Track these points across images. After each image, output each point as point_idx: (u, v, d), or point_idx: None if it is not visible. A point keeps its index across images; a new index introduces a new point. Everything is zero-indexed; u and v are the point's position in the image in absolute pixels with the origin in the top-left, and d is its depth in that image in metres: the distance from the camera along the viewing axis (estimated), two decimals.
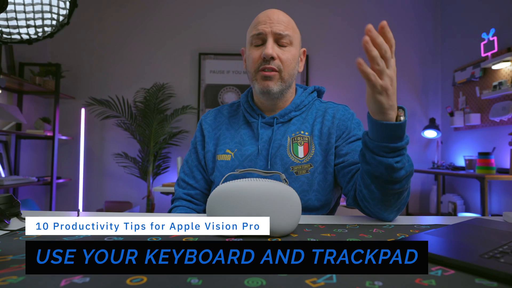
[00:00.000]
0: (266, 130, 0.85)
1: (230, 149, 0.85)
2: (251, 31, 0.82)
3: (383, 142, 0.60)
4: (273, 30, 0.78)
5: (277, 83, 0.80)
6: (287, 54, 0.80)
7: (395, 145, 0.60)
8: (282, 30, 0.79)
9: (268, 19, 0.80)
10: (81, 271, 0.36)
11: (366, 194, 0.67)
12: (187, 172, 0.91)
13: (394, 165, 0.60)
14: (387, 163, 0.60)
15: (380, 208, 0.67)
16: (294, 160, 0.81)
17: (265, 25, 0.79)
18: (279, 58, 0.79)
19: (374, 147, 0.61)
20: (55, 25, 0.48)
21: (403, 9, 3.35)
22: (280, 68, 0.79)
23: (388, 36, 0.55)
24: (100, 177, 3.19)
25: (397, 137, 0.59)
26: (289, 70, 0.81)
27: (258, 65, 0.80)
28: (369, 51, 0.53)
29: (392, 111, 0.59)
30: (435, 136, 3.10)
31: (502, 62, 2.44)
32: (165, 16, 3.27)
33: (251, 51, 0.82)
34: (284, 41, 0.80)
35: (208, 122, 0.92)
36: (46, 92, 2.79)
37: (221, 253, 0.43)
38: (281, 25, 0.79)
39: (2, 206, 0.63)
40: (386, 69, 0.55)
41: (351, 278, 0.35)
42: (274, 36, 0.79)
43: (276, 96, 0.83)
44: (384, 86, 0.56)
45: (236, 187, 0.53)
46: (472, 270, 0.37)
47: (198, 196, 0.89)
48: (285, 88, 0.83)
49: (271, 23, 0.79)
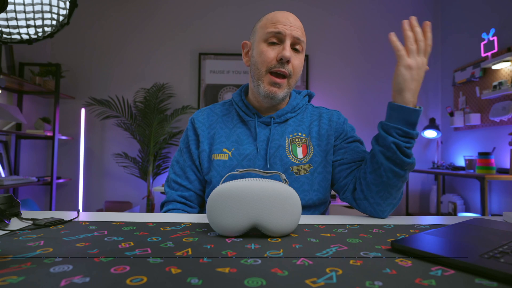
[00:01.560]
0: (263, 129, 0.85)
1: (227, 148, 0.84)
2: (268, 27, 0.79)
3: (398, 124, 0.68)
4: (293, 33, 0.78)
5: (284, 90, 0.81)
6: (299, 61, 0.81)
7: (408, 130, 0.67)
8: (300, 36, 0.79)
9: (288, 21, 0.79)
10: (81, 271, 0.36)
11: (372, 180, 0.72)
12: (179, 173, 0.88)
13: (404, 147, 0.68)
14: (398, 143, 0.67)
15: (381, 197, 0.72)
16: (293, 161, 0.81)
17: (285, 27, 0.78)
18: (292, 63, 0.79)
19: (388, 128, 0.69)
20: (55, 25, 0.48)
21: (403, 9, 3.35)
22: (290, 74, 0.80)
23: (427, 35, 0.67)
24: (100, 177, 3.19)
25: (410, 122, 0.68)
26: (297, 76, 0.82)
27: (271, 66, 0.78)
28: (405, 29, 0.65)
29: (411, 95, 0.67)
30: (435, 136, 3.10)
31: (502, 62, 2.43)
32: (165, 16, 3.27)
33: (264, 48, 0.79)
34: (299, 46, 0.80)
35: (200, 120, 0.89)
36: (46, 92, 2.79)
37: (221, 253, 0.43)
38: (299, 30, 0.80)
39: (2, 206, 0.63)
40: (415, 52, 0.66)
41: (351, 278, 0.35)
42: (292, 40, 0.79)
43: (279, 102, 0.84)
44: (409, 63, 0.65)
45: (236, 187, 0.53)
46: (472, 270, 0.37)
47: (192, 198, 0.87)
48: (288, 94, 0.84)
49: (291, 25, 0.79)
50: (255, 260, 0.41)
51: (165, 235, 0.53)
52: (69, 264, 0.38)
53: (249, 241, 0.50)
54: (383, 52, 3.32)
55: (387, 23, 3.33)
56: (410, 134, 0.68)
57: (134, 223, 0.62)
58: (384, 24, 3.33)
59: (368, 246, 0.48)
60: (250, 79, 0.87)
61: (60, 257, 0.41)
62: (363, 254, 0.44)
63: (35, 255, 0.42)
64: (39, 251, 0.43)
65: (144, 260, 0.40)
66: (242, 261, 0.40)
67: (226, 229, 0.52)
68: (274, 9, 3.27)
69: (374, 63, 3.31)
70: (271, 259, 0.41)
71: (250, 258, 0.42)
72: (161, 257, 0.41)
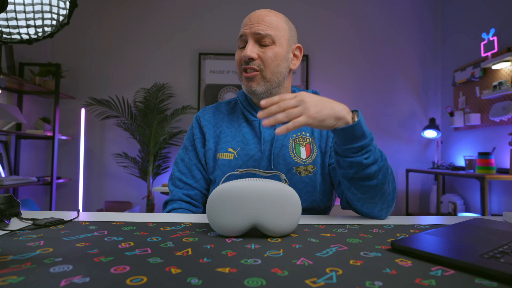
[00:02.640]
0: (268, 129, 0.85)
1: (232, 147, 0.84)
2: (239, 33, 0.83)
3: (347, 145, 0.65)
4: (252, 30, 0.78)
5: (260, 83, 0.80)
6: (268, 53, 0.79)
7: (359, 144, 0.65)
8: (262, 30, 0.78)
9: (249, 20, 0.80)
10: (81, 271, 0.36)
11: (351, 197, 0.72)
12: (184, 171, 0.87)
13: (363, 162, 0.65)
14: (357, 162, 0.65)
15: (368, 208, 0.71)
16: (297, 161, 0.81)
17: (246, 27, 0.80)
18: (260, 58, 0.79)
19: (342, 151, 0.67)
20: (55, 25, 0.48)
21: (403, 9, 3.35)
22: (261, 68, 0.79)
23: None
24: (100, 177, 3.19)
25: (357, 137, 0.65)
26: (272, 68, 0.79)
27: (240, 66, 0.81)
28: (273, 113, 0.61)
29: (338, 119, 0.63)
30: (435, 136, 3.10)
31: (502, 62, 2.43)
32: (165, 16, 3.26)
33: (236, 53, 0.84)
34: (266, 40, 0.79)
35: (206, 119, 0.89)
36: (46, 92, 2.79)
37: (221, 253, 0.43)
38: (262, 25, 0.78)
39: (2, 206, 0.63)
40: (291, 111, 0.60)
41: (351, 278, 0.35)
42: (254, 37, 0.79)
43: (264, 96, 0.82)
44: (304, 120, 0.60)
45: (236, 187, 0.53)
46: (472, 270, 0.37)
47: (197, 197, 0.86)
48: (273, 88, 0.82)
49: (250, 24, 0.79)
50: (255, 260, 0.41)
51: (165, 235, 0.53)
52: (69, 264, 0.38)
53: (249, 241, 0.50)
54: (383, 52, 3.32)
55: (387, 23, 3.33)
56: (363, 145, 0.65)
57: (134, 223, 0.62)
58: (384, 24, 3.33)
59: (368, 246, 0.48)
60: None
61: (60, 257, 0.41)
62: (363, 254, 0.44)
63: (35, 255, 0.42)
64: (39, 251, 0.43)
65: (144, 260, 0.40)
66: (242, 261, 0.40)
67: (226, 229, 0.52)
68: (275, 9, 3.27)
69: (374, 63, 3.31)
70: (271, 259, 0.41)
71: (250, 258, 0.42)
72: (161, 257, 0.41)
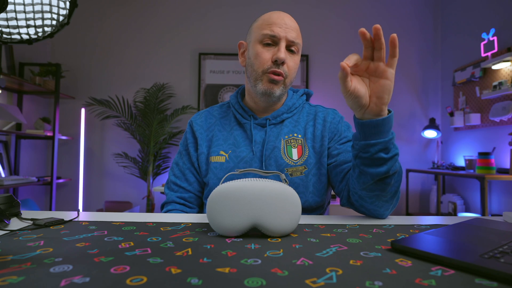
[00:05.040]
0: (259, 131, 0.86)
1: (224, 150, 0.85)
2: (263, 28, 0.80)
3: (387, 137, 0.62)
4: (288, 36, 0.79)
5: (281, 87, 0.82)
6: (294, 62, 0.82)
7: (393, 136, 0.63)
8: (294, 38, 0.80)
9: (283, 23, 0.80)
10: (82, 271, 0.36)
11: (364, 194, 0.69)
12: (179, 175, 0.89)
13: (397, 153, 0.64)
14: (393, 155, 0.63)
15: (377, 205, 0.69)
16: (288, 162, 0.81)
17: (281, 29, 0.79)
18: (287, 64, 0.80)
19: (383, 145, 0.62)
20: (55, 25, 0.48)
21: (403, 9, 3.35)
22: (286, 74, 0.81)
23: None
24: (100, 177, 3.19)
25: (390, 128, 0.63)
26: (292, 77, 0.83)
27: (267, 67, 0.80)
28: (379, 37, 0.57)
29: (386, 104, 0.61)
30: (435, 136, 3.10)
31: (502, 62, 2.43)
32: (165, 16, 3.27)
33: (260, 50, 0.81)
34: (294, 48, 0.81)
35: (199, 123, 0.91)
36: (46, 92, 2.79)
37: (221, 253, 0.43)
38: (294, 32, 0.80)
39: (2, 206, 0.63)
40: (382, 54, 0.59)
41: (351, 278, 0.35)
42: (287, 42, 0.80)
43: (275, 100, 0.84)
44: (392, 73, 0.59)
45: (236, 187, 0.53)
46: (472, 270, 0.37)
47: (191, 199, 0.88)
48: (284, 93, 0.85)
49: (286, 28, 0.79)
50: (255, 260, 0.41)
51: (165, 235, 0.53)
52: (69, 264, 0.38)
53: (249, 241, 0.50)
54: None
55: (387, 23, 3.33)
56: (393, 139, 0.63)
57: (134, 223, 0.62)
58: (384, 24, 3.33)
59: (368, 246, 0.48)
60: (246, 79, 0.87)
61: (60, 257, 0.41)
62: (363, 254, 0.44)
63: (35, 255, 0.42)
64: (39, 251, 0.43)
65: (144, 260, 0.40)
66: (242, 261, 0.40)
67: (226, 229, 0.52)
68: (274, 9, 3.27)
69: None
70: (271, 259, 0.41)
71: (250, 258, 0.42)
72: (161, 257, 0.41)
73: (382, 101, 0.60)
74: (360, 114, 0.63)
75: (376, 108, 0.61)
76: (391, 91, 0.60)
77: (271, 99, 0.83)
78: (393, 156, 0.63)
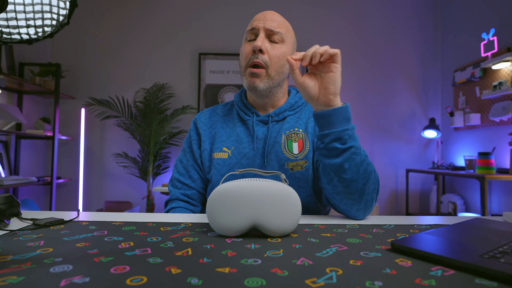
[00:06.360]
0: (261, 127, 0.86)
1: (226, 147, 0.85)
2: (248, 28, 0.84)
3: (343, 126, 0.66)
4: (266, 26, 0.81)
5: (264, 80, 0.81)
6: (277, 51, 0.81)
7: (351, 126, 0.67)
8: (274, 27, 0.81)
9: (263, 16, 0.83)
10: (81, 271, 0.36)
11: (331, 190, 0.70)
12: (182, 172, 0.90)
13: (354, 145, 0.66)
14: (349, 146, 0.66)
15: (346, 204, 0.69)
16: (289, 157, 0.81)
17: (259, 21, 0.82)
18: (268, 53, 0.80)
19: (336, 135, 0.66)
20: (55, 25, 0.48)
21: (403, 9, 3.35)
22: (267, 64, 0.80)
23: None
24: (100, 177, 3.19)
25: (349, 118, 0.67)
26: (277, 67, 0.81)
27: (248, 59, 0.81)
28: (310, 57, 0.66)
29: (337, 95, 0.68)
30: (435, 136, 3.10)
31: (502, 62, 2.43)
32: (165, 16, 3.26)
33: (243, 46, 0.84)
34: (276, 37, 0.81)
35: (202, 121, 0.92)
36: (46, 92, 2.79)
37: (221, 253, 0.43)
38: (274, 22, 0.82)
39: (2, 206, 0.63)
40: None
41: (351, 278, 0.35)
42: (266, 32, 0.81)
43: (264, 94, 0.83)
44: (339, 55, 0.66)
45: (236, 187, 0.53)
46: (472, 270, 0.37)
47: (195, 196, 0.88)
48: (274, 86, 0.83)
49: (264, 19, 0.82)
50: (255, 260, 0.41)
51: (165, 235, 0.53)
52: (69, 264, 0.38)
53: (249, 241, 0.50)
54: (383, 52, 3.32)
55: (387, 23, 3.33)
56: (353, 128, 0.67)
57: (134, 223, 0.62)
58: (384, 24, 3.33)
59: (368, 246, 0.48)
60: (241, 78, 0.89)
61: (60, 257, 0.41)
62: (363, 254, 0.44)
63: (35, 255, 0.42)
64: (39, 251, 0.43)
65: (144, 260, 0.40)
66: (242, 261, 0.40)
67: (226, 229, 0.52)
68: (275, 9, 3.27)
69: (374, 63, 3.31)
70: (271, 259, 0.41)
71: (250, 258, 0.42)
72: (161, 257, 0.41)
73: (328, 91, 0.66)
74: (314, 106, 0.69)
75: (324, 98, 0.67)
76: (336, 82, 0.67)
77: (258, 93, 0.82)
78: (349, 148, 0.66)
